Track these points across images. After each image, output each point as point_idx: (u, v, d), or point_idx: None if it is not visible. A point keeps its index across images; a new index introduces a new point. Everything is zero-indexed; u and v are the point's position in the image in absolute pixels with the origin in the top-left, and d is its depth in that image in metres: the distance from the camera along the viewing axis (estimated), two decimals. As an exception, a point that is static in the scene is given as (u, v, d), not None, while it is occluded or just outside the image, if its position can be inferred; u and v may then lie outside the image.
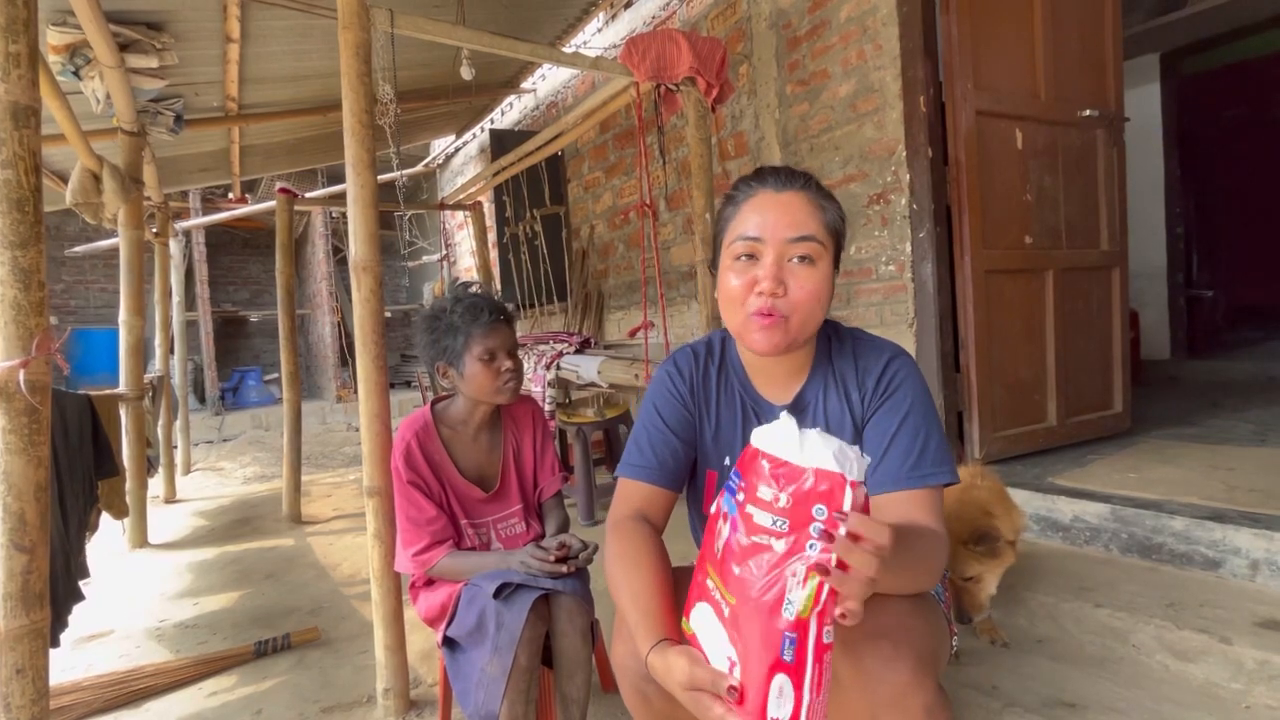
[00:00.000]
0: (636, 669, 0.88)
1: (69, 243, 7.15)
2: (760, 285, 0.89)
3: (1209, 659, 1.36)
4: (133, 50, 2.50)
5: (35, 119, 1.14)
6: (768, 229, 0.89)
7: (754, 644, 0.63)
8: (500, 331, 1.40)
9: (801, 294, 0.89)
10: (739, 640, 0.65)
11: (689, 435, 1.03)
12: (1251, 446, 2.31)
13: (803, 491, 0.62)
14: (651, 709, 0.92)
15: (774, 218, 0.90)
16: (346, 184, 1.57)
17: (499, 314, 1.41)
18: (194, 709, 1.68)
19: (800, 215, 0.90)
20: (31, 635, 1.14)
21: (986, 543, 1.42)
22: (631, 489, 1.00)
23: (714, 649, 0.68)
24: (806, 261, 0.89)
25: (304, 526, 3.30)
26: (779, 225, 0.89)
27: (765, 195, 0.92)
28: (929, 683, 0.79)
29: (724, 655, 0.67)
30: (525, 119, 5.23)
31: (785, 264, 0.89)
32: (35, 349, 1.12)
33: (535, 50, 2.04)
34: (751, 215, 0.91)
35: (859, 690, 0.80)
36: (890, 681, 0.78)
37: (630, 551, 0.90)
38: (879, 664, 0.78)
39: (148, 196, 3.55)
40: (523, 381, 1.47)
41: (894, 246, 2.56)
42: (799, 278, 0.89)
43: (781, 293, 0.88)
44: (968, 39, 2.20)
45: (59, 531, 1.82)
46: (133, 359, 3.07)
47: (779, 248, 0.89)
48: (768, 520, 0.63)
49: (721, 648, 0.67)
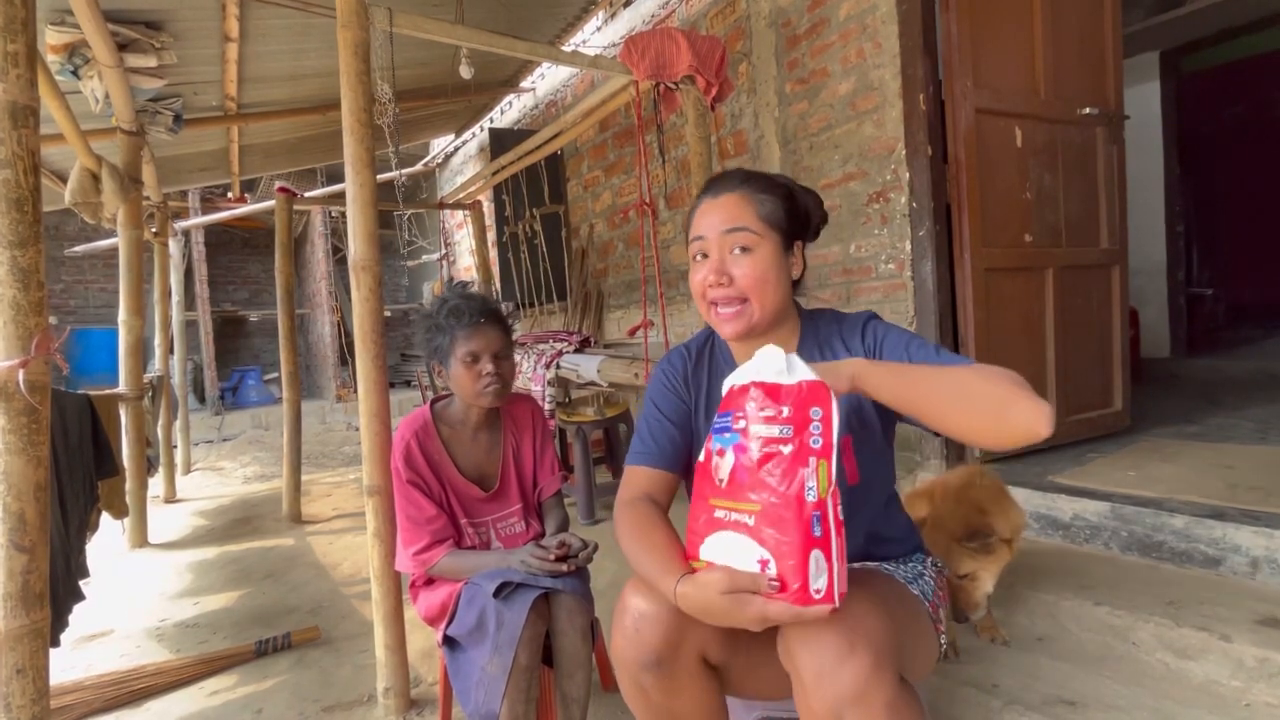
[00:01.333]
0: (637, 659, 0.91)
1: (68, 242, 7.14)
2: (709, 278, 1.02)
3: (1209, 657, 1.36)
4: (131, 50, 2.50)
5: (34, 118, 1.14)
6: (708, 228, 1.03)
7: (788, 532, 0.75)
8: (483, 334, 1.36)
9: (746, 280, 1.00)
10: (770, 539, 0.76)
11: (684, 422, 1.12)
12: (1252, 444, 2.31)
13: (801, 399, 0.78)
14: (649, 701, 0.94)
15: (711, 218, 1.03)
16: (346, 183, 1.57)
17: (484, 315, 1.37)
18: (195, 708, 1.68)
19: (733, 211, 1.02)
20: (32, 635, 1.14)
21: (980, 539, 1.42)
22: (636, 474, 1.09)
23: (738, 562, 0.78)
24: (745, 250, 1.01)
25: (304, 526, 3.30)
26: (715, 223, 1.03)
27: (706, 201, 1.06)
28: (889, 678, 0.80)
29: (752, 561, 0.77)
30: (524, 118, 5.22)
31: (727, 256, 1.02)
32: (34, 349, 1.12)
33: (534, 49, 2.04)
34: (699, 220, 1.06)
35: (819, 688, 0.80)
36: (847, 678, 0.79)
37: (640, 521, 0.98)
38: (835, 661, 0.79)
39: (147, 196, 3.54)
40: (509, 386, 1.42)
41: (894, 245, 2.56)
42: (740, 265, 1.01)
43: (727, 282, 1.01)
44: (967, 37, 2.20)
45: (59, 531, 1.82)
46: (132, 359, 3.07)
47: (718, 241, 1.02)
48: (775, 431, 0.78)
49: (747, 558, 0.77)
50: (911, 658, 0.93)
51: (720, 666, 0.97)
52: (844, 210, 2.76)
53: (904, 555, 1.13)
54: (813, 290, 2.95)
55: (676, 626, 0.90)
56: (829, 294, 2.85)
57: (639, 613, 0.91)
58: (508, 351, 1.41)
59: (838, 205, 2.79)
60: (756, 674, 0.99)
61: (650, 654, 0.91)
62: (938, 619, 1.06)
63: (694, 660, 0.94)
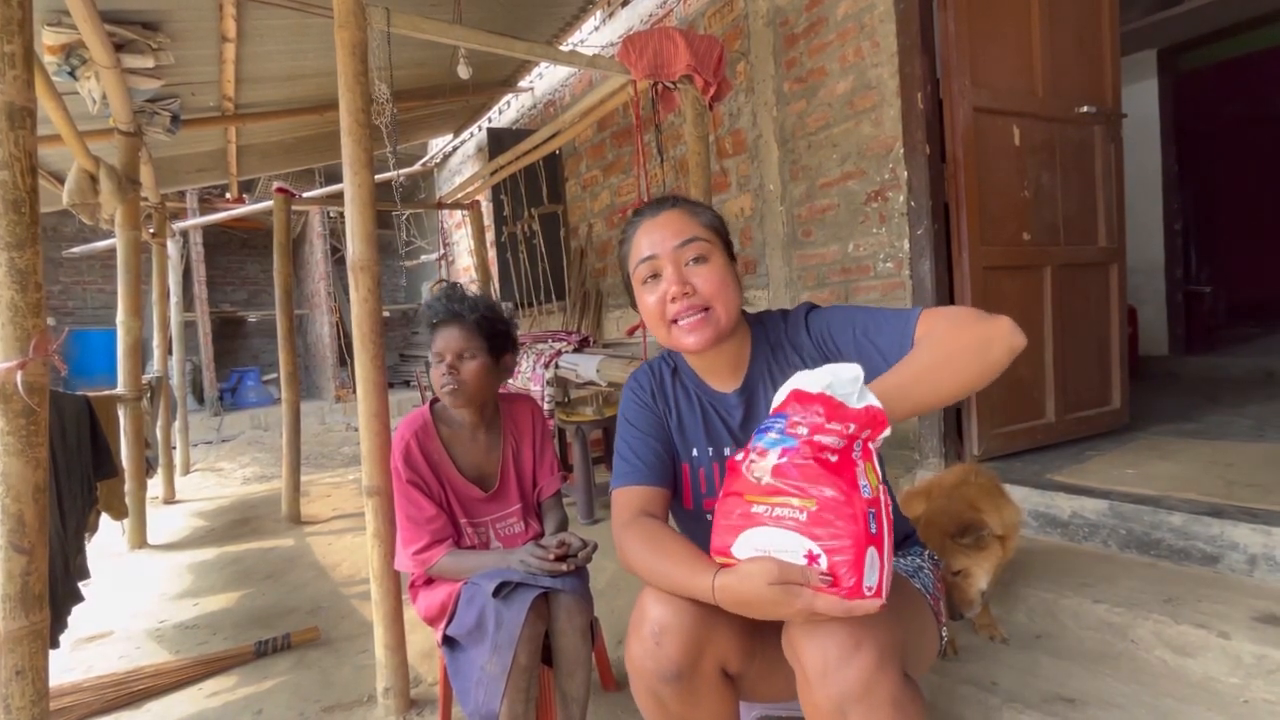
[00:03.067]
0: (656, 671, 0.89)
1: (66, 244, 7.13)
2: (670, 291, 1.01)
3: (1207, 654, 1.36)
4: (128, 50, 2.50)
5: (31, 120, 1.13)
6: (657, 245, 1.03)
7: (847, 527, 0.75)
8: (446, 332, 1.38)
9: (709, 287, 1.01)
10: (825, 534, 0.76)
11: (662, 435, 1.11)
12: (1249, 442, 2.31)
13: (862, 424, 0.79)
14: (666, 711, 0.93)
15: (659, 235, 1.03)
16: (344, 183, 1.57)
17: (447, 315, 1.39)
18: (194, 709, 1.68)
19: (679, 224, 1.04)
20: (31, 637, 1.14)
21: (972, 535, 1.42)
22: (628, 495, 1.06)
23: (782, 557, 0.78)
24: (701, 260, 1.02)
25: (303, 526, 3.30)
26: (665, 238, 1.03)
27: (646, 222, 1.06)
28: (893, 674, 0.80)
29: (799, 556, 0.77)
30: (523, 118, 5.22)
31: (684, 268, 1.02)
32: (32, 350, 1.12)
33: (532, 49, 2.03)
34: (642, 240, 1.05)
35: (824, 683, 0.80)
36: (852, 674, 0.79)
37: (649, 534, 0.96)
38: (840, 657, 0.79)
39: (144, 197, 3.54)
40: (468, 388, 1.39)
41: (892, 244, 2.56)
42: (700, 275, 1.02)
43: (691, 291, 1.01)
44: (965, 35, 2.20)
45: (57, 533, 1.81)
46: (130, 360, 3.07)
47: (672, 255, 1.02)
48: (833, 440, 0.78)
49: (793, 552, 0.77)
50: (915, 652, 0.93)
51: (737, 676, 0.96)
52: (842, 209, 2.76)
53: (901, 550, 1.13)
54: (811, 290, 2.95)
55: (697, 639, 0.89)
56: (827, 293, 2.86)
57: (660, 625, 0.89)
58: (474, 352, 1.38)
59: (836, 204, 2.79)
60: (769, 680, 0.99)
61: (671, 666, 0.89)
62: (939, 612, 1.06)
63: (714, 671, 0.93)
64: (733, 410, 1.10)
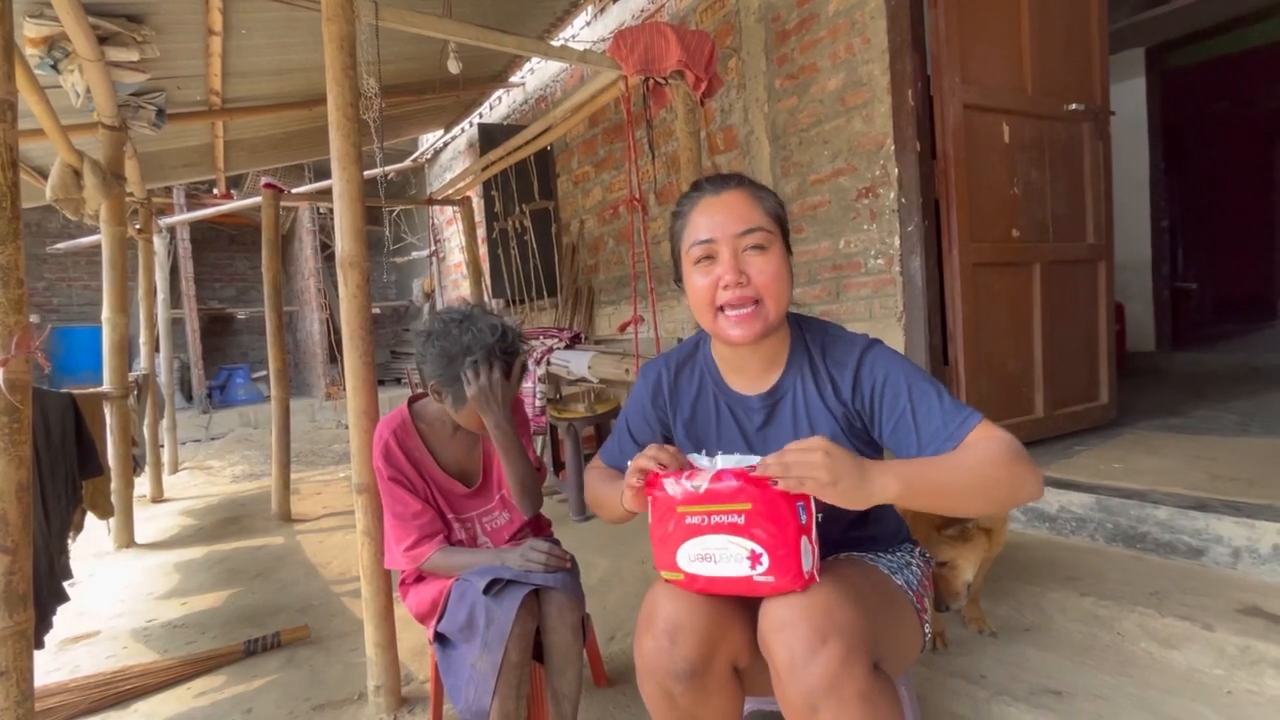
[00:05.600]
0: (669, 668, 0.89)
1: (50, 239, 7.05)
2: (724, 279, 0.96)
3: (1192, 646, 1.38)
4: (112, 43, 2.46)
5: (12, 113, 1.12)
6: (717, 229, 0.97)
7: (779, 524, 0.81)
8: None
9: (763, 278, 0.96)
10: (760, 535, 0.82)
11: (653, 440, 1.15)
12: (1234, 436, 2.34)
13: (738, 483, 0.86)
14: (675, 708, 0.92)
15: (720, 218, 0.98)
16: (332, 179, 1.55)
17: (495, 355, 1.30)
18: (183, 709, 1.67)
19: (743, 210, 0.98)
20: (15, 637, 1.13)
21: (956, 525, 1.42)
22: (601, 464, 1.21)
23: (724, 566, 0.85)
24: (759, 250, 0.97)
25: (293, 524, 3.28)
26: (726, 223, 0.97)
27: (707, 200, 1.00)
28: (861, 668, 0.80)
29: (741, 559, 0.83)
30: (514, 113, 5.19)
31: (741, 255, 0.97)
32: (14, 347, 1.10)
33: (523, 43, 2.02)
34: (700, 220, 0.99)
35: (793, 679, 0.81)
36: (818, 669, 0.79)
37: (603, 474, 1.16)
38: (807, 652, 0.80)
39: (130, 192, 3.50)
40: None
41: (883, 240, 2.57)
42: (756, 265, 0.97)
43: (745, 281, 0.96)
44: (955, 33, 2.21)
45: (41, 532, 1.79)
46: (117, 357, 3.03)
47: (731, 242, 0.97)
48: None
49: (736, 555, 0.83)
50: (890, 647, 0.92)
51: (745, 671, 0.96)
52: (833, 205, 2.76)
53: (891, 546, 1.13)
54: (803, 286, 2.96)
55: (712, 636, 0.89)
56: (819, 289, 2.86)
57: (674, 621, 0.89)
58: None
59: (827, 201, 2.79)
60: (767, 674, 0.99)
61: (684, 664, 0.88)
62: (922, 609, 1.06)
63: (726, 668, 0.92)
64: (753, 414, 1.07)
